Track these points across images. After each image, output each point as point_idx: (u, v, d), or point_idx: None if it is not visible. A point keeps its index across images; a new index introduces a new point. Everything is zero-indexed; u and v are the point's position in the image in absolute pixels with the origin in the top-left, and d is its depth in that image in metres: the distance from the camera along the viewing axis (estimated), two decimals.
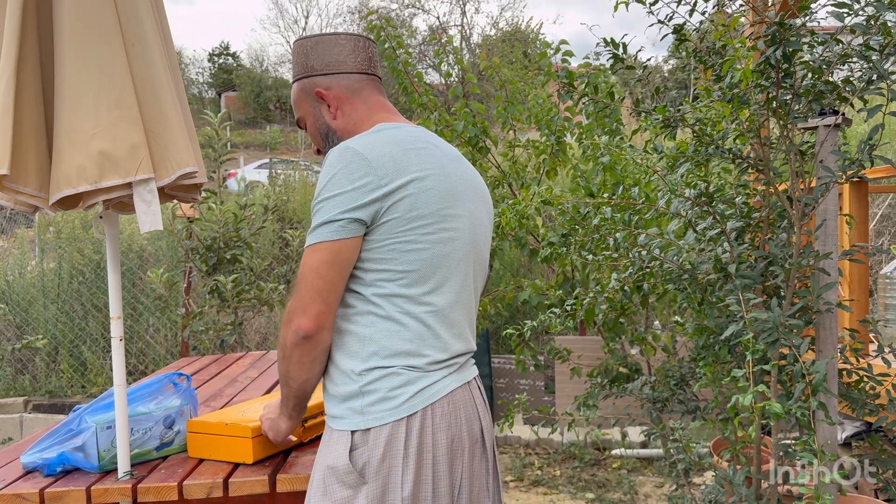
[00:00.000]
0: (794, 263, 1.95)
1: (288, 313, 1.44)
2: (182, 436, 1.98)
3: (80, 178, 1.67)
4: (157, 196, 1.75)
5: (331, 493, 1.43)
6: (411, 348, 1.46)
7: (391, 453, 1.42)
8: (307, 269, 1.42)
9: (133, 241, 7.17)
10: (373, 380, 1.44)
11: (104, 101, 1.69)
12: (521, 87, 3.76)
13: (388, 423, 1.43)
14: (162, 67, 1.78)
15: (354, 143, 1.44)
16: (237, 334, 4.74)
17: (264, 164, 15.74)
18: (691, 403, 2.54)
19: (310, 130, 1.64)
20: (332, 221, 1.41)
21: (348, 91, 1.59)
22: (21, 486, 1.79)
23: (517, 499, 4.00)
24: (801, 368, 1.71)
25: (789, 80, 1.88)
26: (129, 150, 1.69)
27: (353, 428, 1.44)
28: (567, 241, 3.07)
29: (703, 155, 2.12)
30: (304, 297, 1.42)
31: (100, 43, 1.70)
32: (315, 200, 1.44)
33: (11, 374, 6.46)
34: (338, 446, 1.45)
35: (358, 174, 1.41)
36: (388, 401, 1.43)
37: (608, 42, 2.33)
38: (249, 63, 33.03)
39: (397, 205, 1.42)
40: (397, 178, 1.42)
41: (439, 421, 1.47)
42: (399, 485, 1.42)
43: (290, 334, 1.43)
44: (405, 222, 1.43)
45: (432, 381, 1.48)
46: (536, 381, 5.40)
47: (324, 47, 1.59)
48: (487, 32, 23.55)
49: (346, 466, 1.42)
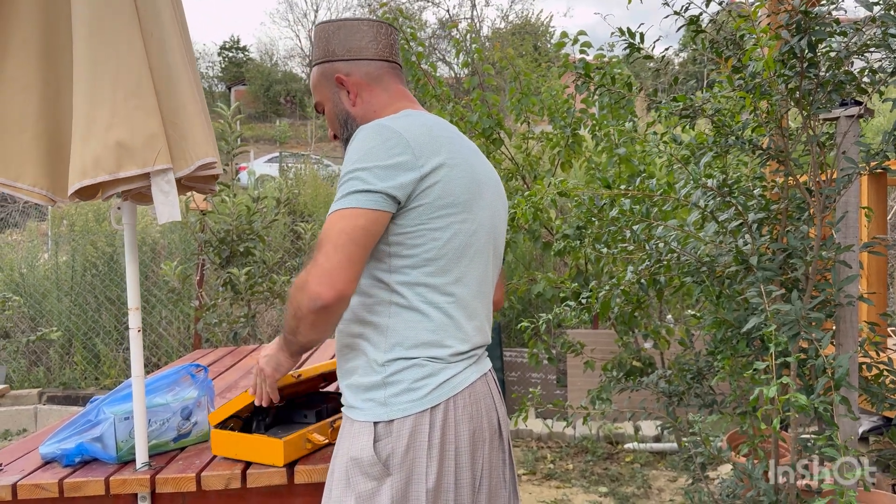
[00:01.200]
0: (814, 256, 1.93)
1: (306, 277, 1.34)
2: (199, 427, 1.98)
3: (97, 169, 1.67)
4: (174, 187, 1.74)
5: (354, 485, 1.42)
6: (434, 339, 1.45)
7: (415, 445, 1.41)
8: (339, 232, 1.34)
9: (146, 234, 7.19)
10: (396, 371, 1.43)
11: (121, 91, 1.68)
12: (535, 78, 3.74)
13: (411, 415, 1.41)
14: (180, 58, 1.78)
15: (389, 122, 1.42)
16: (250, 327, 4.75)
17: (274, 157, 15.76)
18: (708, 397, 2.52)
19: (328, 115, 1.63)
20: (371, 192, 1.36)
21: (368, 78, 1.57)
22: (40, 477, 1.80)
23: (530, 492, 3.99)
24: (823, 362, 1.69)
25: (813, 69, 1.85)
26: (146, 139, 1.68)
27: (376, 419, 1.42)
28: (581, 234, 3.06)
29: (722, 146, 2.10)
30: (331, 261, 1.33)
31: (117, 33, 1.69)
32: (348, 169, 1.39)
33: (26, 365, 6.50)
34: (361, 438, 1.43)
35: (396, 151, 1.38)
36: (411, 392, 1.42)
37: (623, 32, 2.30)
38: (259, 57, 33.05)
39: (429, 190, 1.40)
40: (431, 162, 1.41)
41: (461, 413, 1.46)
42: (423, 476, 1.41)
43: (307, 301, 1.34)
44: (435, 209, 1.42)
45: (455, 373, 1.47)
46: (548, 374, 5.38)
47: (346, 33, 1.57)
48: (497, 25, 23.47)
49: (370, 458, 1.40)
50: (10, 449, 2.04)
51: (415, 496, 1.41)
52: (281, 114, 28.01)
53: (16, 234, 9.62)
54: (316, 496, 1.83)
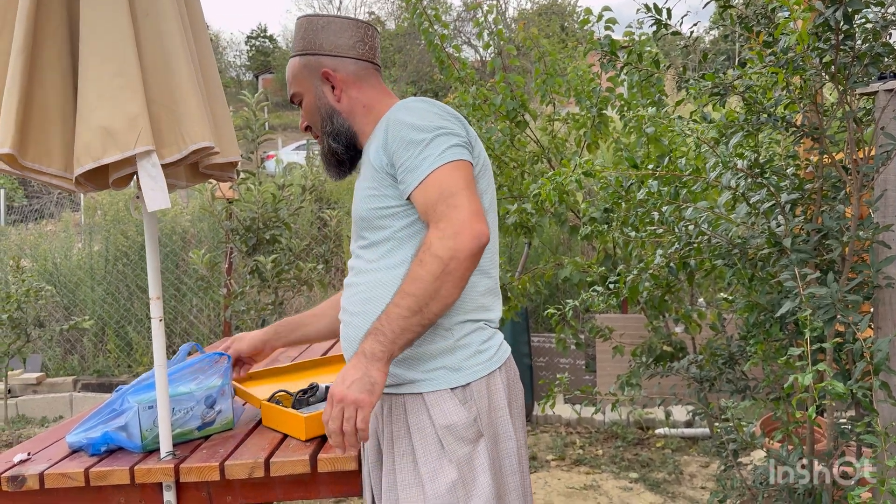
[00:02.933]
0: (851, 236, 1.85)
1: (458, 224, 1.33)
2: (223, 415, 1.98)
3: (86, 156, 1.61)
4: (161, 171, 1.65)
5: (451, 453, 1.42)
6: (486, 303, 1.51)
7: (495, 404, 1.47)
8: (464, 180, 1.38)
9: (176, 223, 7.27)
10: (465, 334, 1.47)
11: (107, 71, 1.61)
12: (561, 58, 3.67)
13: (484, 376, 1.46)
14: (179, 40, 1.70)
15: (427, 98, 1.50)
16: (278, 314, 4.77)
17: (301, 145, 15.82)
18: (741, 382, 2.46)
19: (306, 107, 1.65)
20: (463, 147, 1.42)
21: (355, 76, 1.61)
22: (67, 466, 1.81)
23: (559, 478, 3.96)
24: (860, 346, 1.63)
25: (849, 42, 1.77)
26: (127, 122, 1.60)
27: (452, 385, 1.44)
28: (609, 217, 3.00)
29: (753, 124, 2.03)
30: (473, 203, 1.35)
31: (104, 12, 1.62)
32: (423, 128, 1.41)
33: (61, 354, 6.63)
34: (443, 406, 1.44)
35: (451, 115, 1.46)
36: (481, 353, 1.47)
37: (649, 8, 2.23)
38: (285, 45, 33.11)
39: (477, 157, 1.48)
40: (473, 134, 1.50)
41: (514, 374, 1.56)
42: (509, 434, 1.48)
43: (469, 241, 1.32)
44: (480, 176, 1.49)
45: (502, 338, 1.56)
46: (577, 360, 5.33)
47: (335, 29, 1.60)
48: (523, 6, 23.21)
49: (465, 421, 1.43)
50: (39, 438, 2.06)
51: (506, 453, 1.48)
52: None
53: (50, 225, 9.80)
54: (340, 485, 1.82)
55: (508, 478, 1.48)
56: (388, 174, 1.46)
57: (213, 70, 1.93)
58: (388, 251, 1.48)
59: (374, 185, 1.48)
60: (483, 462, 1.42)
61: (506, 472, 1.48)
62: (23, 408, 5.89)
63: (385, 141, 1.45)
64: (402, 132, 1.42)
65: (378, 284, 1.48)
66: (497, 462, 1.46)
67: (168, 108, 1.68)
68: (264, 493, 1.83)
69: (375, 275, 1.50)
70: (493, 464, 1.44)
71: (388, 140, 1.44)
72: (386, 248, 1.49)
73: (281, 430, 1.96)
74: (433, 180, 1.37)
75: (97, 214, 8.07)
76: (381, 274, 1.48)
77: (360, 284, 1.53)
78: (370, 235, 1.51)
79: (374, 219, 1.49)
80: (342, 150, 1.63)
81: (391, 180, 1.46)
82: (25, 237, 8.50)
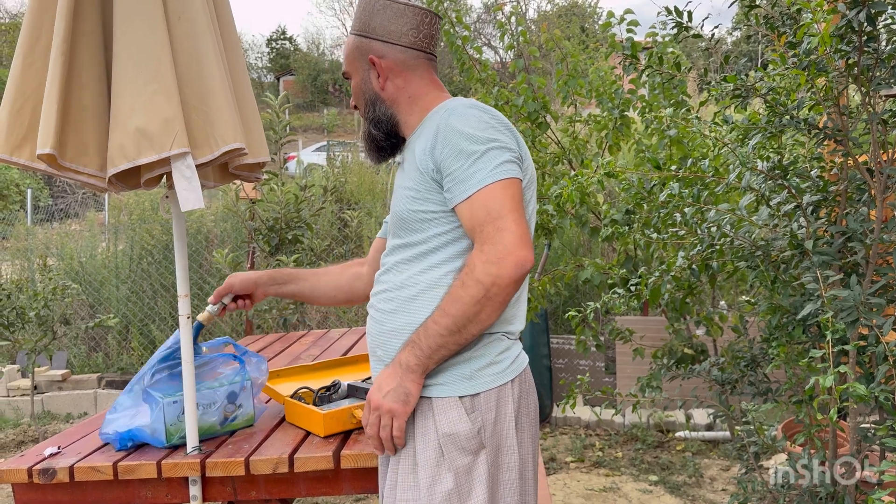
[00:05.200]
0: (875, 239, 1.85)
1: (503, 250, 1.33)
2: (245, 411, 2.01)
3: (120, 157, 1.66)
4: (195, 172, 1.70)
5: (451, 461, 1.42)
6: (507, 316, 1.49)
7: (502, 416, 1.45)
8: (508, 201, 1.36)
9: (201, 223, 7.34)
10: (482, 344, 1.46)
11: (141, 76, 1.66)
12: (583, 59, 3.67)
13: (495, 388, 1.45)
14: (212, 43, 1.74)
15: (482, 105, 1.47)
16: (299, 313, 4.82)
17: (322, 146, 15.90)
18: (763, 385, 2.45)
19: (354, 88, 1.63)
20: (514, 163, 1.42)
21: (402, 65, 1.56)
22: (96, 459, 1.85)
23: (578, 479, 3.96)
24: (884, 349, 1.62)
25: (873, 44, 1.76)
26: (162, 124, 1.65)
27: (461, 394, 1.44)
28: (630, 219, 2.99)
29: (776, 126, 2.03)
30: (522, 227, 1.35)
31: (142, 16, 1.67)
32: (475, 139, 1.39)
33: (86, 351, 6.72)
34: (449, 413, 1.43)
35: (504, 127, 1.45)
36: (495, 365, 1.46)
37: (670, 11, 2.24)
38: (306, 47, 33.37)
39: (526, 170, 1.48)
40: (521, 142, 1.49)
41: (528, 386, 1.54)
42: (512, 447, 1.47)
43: (512, 269, 1.33)
44: (527, 188, 1.48)
45: (520, 349, 1.55)
46: (597, 361, 5.32)
47: (389, 14, 1.56)
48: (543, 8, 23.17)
49: (468, 431, 1.42)
50: (69, 432, 2.10)
51: (506, 466, 1.46)
52: (328, 103, 28.23)
53: (75, 224, 9.94)
54: (363, 481, 1.84)
55: (506, 491, 1.46)
56: (433, 179, 1.44)
57: (244, 72, 1.96)
58: (421, 254, 1.48)
59: (417, 188, 1.46)
60: (481, 474, 1.41)
61: (504, 485, 1.46)
62: (48, 404, 5.98)
63: (434, 145, 1.42)
64: (454, 139, 1.39)
65: (404, 286, 1.49)
66: (497, 475, 1.44)
67: (200, 111, 1.72)
68: (288, 488, 1.86)
69: (402, 275, 1.50)
70: (492, 477, 1.43)
71: (437, 145, 1.42)
72: (419, 251, 1.48)
73: (302, 426, 1.99)
74: (482, 198, 1.36)
75: (122, 214, 8.18)
76: (408, 276, 1.48)
77: (388, 283, 1.53)
78: (406, 236, 1.50)
79: (413, 221, 1.48)
80: (382, 138, 1.60)
81: (436, 185, 1.44)
82: (52, 236, 8.63)
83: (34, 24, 1.71)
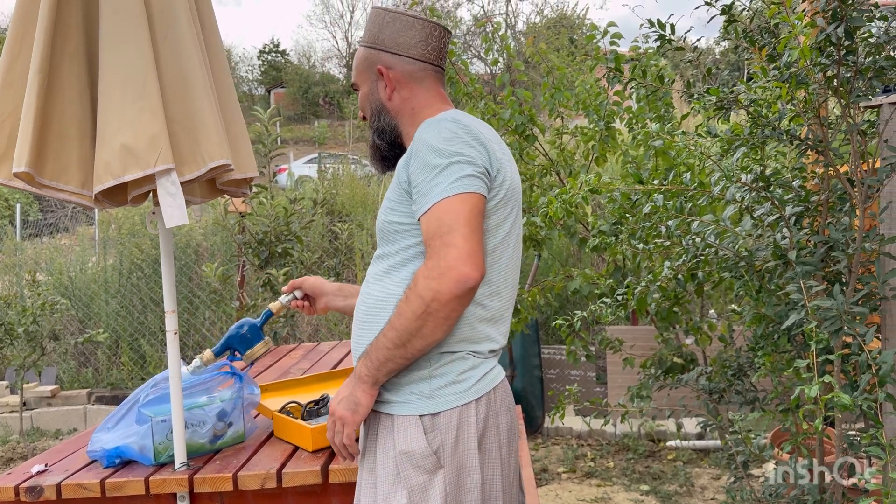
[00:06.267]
0: (857, 248, 1.87)
1: (444, 263, 1.33)
2: (234, 428, 2.01)
3: (106, 174, 1.67)
4: (180, 189, 1.71)
5: (406, 479, 1.41)
6: (476, 335, 1.46)
7: (464, 437, 1.43)
8: (462, 215, 1.35)
9: (191, 237, 7.33)
10: (443, 363, 1.44)
11: (128, 94, 1.68)
12: (569, 72, 3.69)
13: (457, 407, 1.43)
14: (197, 61, 1.76)
15: (460, 118, 1.46)
16: (289, 326, 4.81)
17: (313, 158, 15.91)
18: (750, 394, 2.46)
19: (361, 98, 1.65)
20: (477, 178, 1.39)
21: (409, 77, 1.59)
22: (83, 477, 1.84)
23: (570, 490, 3.96)
24: (866, 358, 1.64)
25: (851, 56, 1.79)
26: (148, 141, 1.67)
27: (422, 412, 1.43)
28: (617, 230, 3.01)
29: (758, 137, 2.05)
30: (470, 242, 1.33)
31: (128, 37, 1.69)
32: (441, 153, 1.39)
33: (75, 367, 6.69)
34: (408, 431, 1.43)
35: (476, 142, 1.42)
36: (457, 384, 1.44)
37: (653, 23, 2.26)
38: (297, 59, 33.37)
39: (500, 185, 1.45)
40: (499, 157, 1.47)
41: (499, 405, 1.49)
42: (474, 468, 1.43)
43: (452, 285, 1.31)
44: (501, 204, 1.46)
45: (491, 367, 1.50)
46: (588, 371, 5.33)
47: (398, 26, 1.58)
48: (532, 20, 23.31)
49: (423, 450, 1.41)
50: (56, 450, 2.09)
51: (468, 487, 1.43)
52: (319, 115, 28.24)
53: (65, 239, 9.90)
54: (351, 496, 1.84)
55: None
56: (405, 191, 1.46)
57: (230, 88, 1.97)
58: (392, 267, 1.49)
59: (395, 199, 1.49)
60: (437, 494, 1.40)
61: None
62: (37, 420, 5.94)
63: (409, 157, 1.45)
64: (423, 152, 1.41)
65: (376, 298, 1.50)
66: (458, 496, 1.42)
67: (186, 128, 1.73)
68: (276, 503, 1.85)
69: (376, 287, 1.51)
70: (453, 497, 1.41)
71: (411, 157, 1.44)
72: (391, 263, 1.49)
73: (290, 440, 1.99)
74: (437, 210, 1.36)
75: (111, 228, 8.15)
76: (381, 288, 1.50)
77: (364, 294, 1.55)
78: (383, 247, 1.52)
79: (389, 232, 1.50)
80: (385, 148, 1.63)
81: (408, 197, 1.45)
82: (41, 251, 8.59)
83: (14, 45, 1.74)
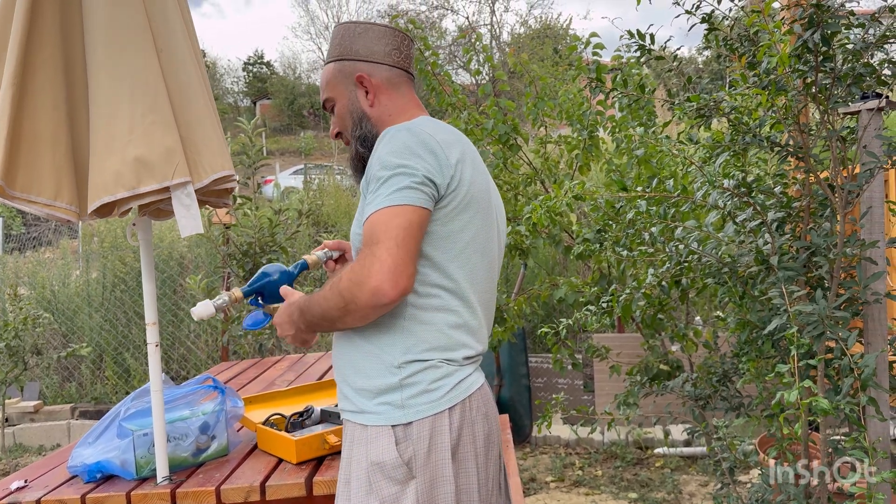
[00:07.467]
0: (838, 253, 1.88)
1: (366, 272, 1.33)
2: (218, 442, 1.99)
3: (117, 185, 1.68)
4: (195, 200, 1.75)
5: (378, 490, 1.40)
6: (449, 343, 1.45)
7: (437, 447, 1.41)
8: (398, 227, 1.33)
9: (174, 248, 7.28)
10: (413, 372, 1.42)
11: (139, 107, 1.69)
12: (552, 82, 3.71)
13: (430, 416, 1.41)
14: (194, 73, 1.79)
15: (415, 125, 1.45)
16: (275, 338, 4.78)
17: (299, 169, 15.89)
18: (735, 400, 2.47)
19: (338, 112, 1.63)
20: (417, 189, 1.37)
21: (387, 83, 1.60)
22: (64, 492, 1.82)
23: (558, 499, 3.95)
24: (848, 362, 1.65)
25: (829, 63, 1.81)
26: (164, 154, 1.69)
27: (394, 423, 1.41)
28: (602, 238, 3.02)
29: (740, 144, 2.07)
30: (394, 257, 1.32)
31: (132, 50, 1.70)
32: (386, 165, 1.39)
33: (59, 381, 6.61)
34: (379, 442, 1.41)
35: (428, 149, 1.41)
36: (429, 393, 1.42)
37: (632, 34, 2.28)
38: (283, 71, 33.34)
39: (457, 190, 1.43)
40: (457, 162, 1.44)
41: (476, 413, 1.47)
42: (448, 478, 1.41)
43: (368, 296, 1.33)
44: (460, 210, 1.44)
45: (467, 375, 1.48)
46: (575, 379, 5.33)
47: (371, 35, 1.61)
48: (517, 31, 23.43)
49: (394, 461, 1.39)
50: (36, 465, 2.06)
51: (442, 498, 1.41)
52: (305, 126, 28.21)
53: (48, 252, 9.81)
54: None
55: None
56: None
57: (212, 97, 1.98)
58: None
59: (360, 209, 1.49)
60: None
61: None
62: (20, 436, 5.86)
63: (369, 167, 1.46)
64: (373, 165, 1.42)
65: None
66: None
67: (189, 140, 1.75)
68: None
69: None
70: None
71: (370, 167, 1.45)
72: None
73: (274, 453, 1.97)
74: (370, 221, 1.36)
75: (94, 241, 8.09)
76: None
77: None
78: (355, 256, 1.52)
79: (356, 242, 1.49)
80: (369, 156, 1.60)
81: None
82: (22, 265, 8.50)
83: None
